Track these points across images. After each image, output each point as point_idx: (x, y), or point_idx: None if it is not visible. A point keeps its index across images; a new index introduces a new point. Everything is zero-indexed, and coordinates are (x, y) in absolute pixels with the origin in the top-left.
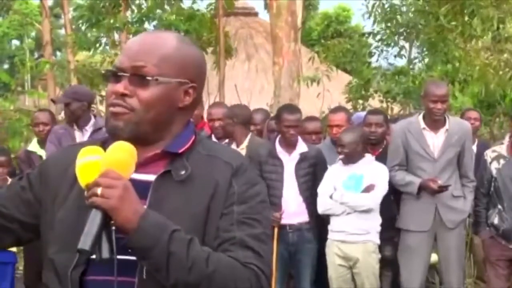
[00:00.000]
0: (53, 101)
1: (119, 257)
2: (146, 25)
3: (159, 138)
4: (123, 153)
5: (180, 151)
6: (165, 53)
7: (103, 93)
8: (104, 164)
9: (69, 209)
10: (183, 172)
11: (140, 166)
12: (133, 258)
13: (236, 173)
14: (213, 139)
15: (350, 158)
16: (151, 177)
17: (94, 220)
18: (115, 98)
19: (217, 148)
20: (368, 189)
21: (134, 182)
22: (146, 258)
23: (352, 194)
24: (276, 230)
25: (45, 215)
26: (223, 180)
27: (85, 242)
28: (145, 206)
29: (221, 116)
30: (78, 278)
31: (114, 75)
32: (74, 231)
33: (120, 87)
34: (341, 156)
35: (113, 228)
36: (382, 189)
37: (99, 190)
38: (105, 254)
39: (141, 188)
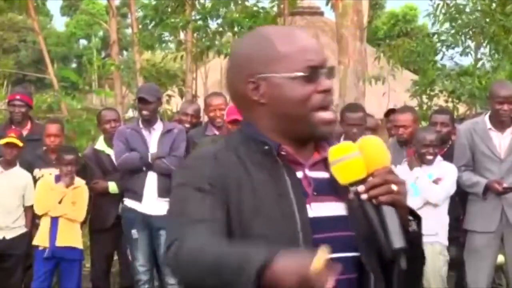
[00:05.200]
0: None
1: (341, 255)
2: (205, 22)
3: None
4: (381, 146)
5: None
6: None
7: (169, 92)
8: (371, 161)
9: (269, 217)
10: None
11: (312, 164)
12: (344, 255)
13: None
14: None
15: (433, 160)
16: (324, 174)
17: (393, 217)
18: (325, 97)
19: None
20: (436, 181)
21: (319, 180)
22: (420, 245)
23: (425, 181)
24: None
25: (233, 222)
26: None
27: (400, 240)
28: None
29: None
30: None
31: (313, 74)
32: (288, 239)
33: (329, 83)
34: (429, 157)
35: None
36: (449, 183)
37: (394, 187)
38: (401, 243)
39: (325, 184)
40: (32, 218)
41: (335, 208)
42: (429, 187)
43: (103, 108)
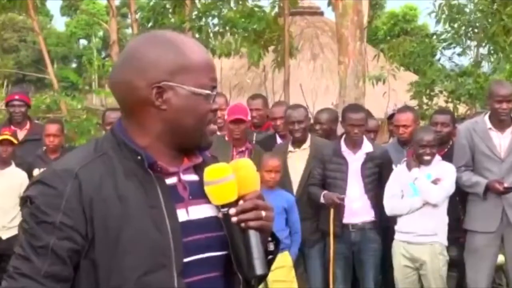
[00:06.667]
0: None
1: (212, 254)
2: (203, 22)
3: None
4: (253, 170)
5: None
6: None
7: None
8: (244, 184)
9: (139, 228)
10: None
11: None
12: (216, 254)
13: None
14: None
15: (431, 160)
16: (195, 177)
17: (258, 242)
18: (215, 114)
19: None
20: (435, 181)
21: (193, 183)
22: (271, 263)
23: (424, 182)
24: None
25: (99, 245)
26: None
27: (263, 266)
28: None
29: (284, 115)
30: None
31: (214, 93)
32: (159, 248)
33: (218, 103)
34: (427, 157)
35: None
36: (448, 184)
37: (263, 213)
38: (263, 270)
39: (197, 187)
40: None
41: (209, 209)
42: (428, 188)
43: (107, 108)
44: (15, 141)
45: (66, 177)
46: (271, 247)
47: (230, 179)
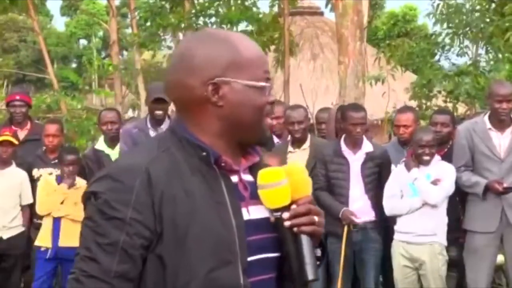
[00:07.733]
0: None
1: (264, 256)
2: (201, 21)
3: None
4: (306, 175)
5: None
6: None
7: None
8: (297, 188)
9: (207, 224)
10: None
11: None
12: (272, 255)
13: None
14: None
15: (430, 160)
16: (251, 177)
17: (310, 248)
18: (271, 108)
19: None
20: (435, 182)
21: (251, 183)
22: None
23: (423, 182)
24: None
25: (167, 242)
26: None
27: (314, 271)
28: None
29: (281, 115)
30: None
31: (269, 86)
32: (225, 244)
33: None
34: (426, 158)
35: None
36: (448, 184)
37: (316, 218)
38: (314, 275)
39: (255, 187)
40: (30, 217)
41: (265, 210)
42: (427, 188)
43: (104, 108)
44: (16, 142)
45: (135, 171)
46: (319, 253)
47: (284, 183)
